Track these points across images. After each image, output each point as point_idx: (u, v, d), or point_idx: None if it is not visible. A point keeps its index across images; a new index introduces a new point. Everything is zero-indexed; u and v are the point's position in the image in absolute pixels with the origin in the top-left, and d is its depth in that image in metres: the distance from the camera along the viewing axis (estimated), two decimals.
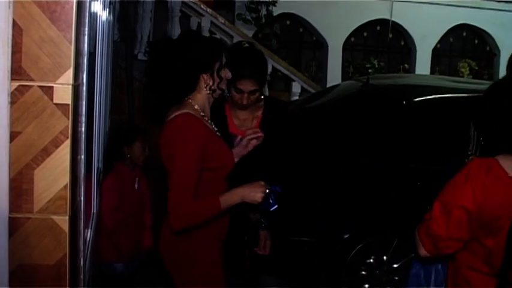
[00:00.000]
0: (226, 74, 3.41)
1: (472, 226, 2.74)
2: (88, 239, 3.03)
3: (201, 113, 3.34)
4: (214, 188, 3.32)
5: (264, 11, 10.64)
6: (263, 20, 10.60)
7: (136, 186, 5.02)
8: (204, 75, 3.31)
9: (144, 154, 5.01)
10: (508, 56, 4.79)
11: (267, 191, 3.32)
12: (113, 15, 6.24)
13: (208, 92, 3.36)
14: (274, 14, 10.94)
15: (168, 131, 3.25)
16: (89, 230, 3.17)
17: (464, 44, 13.88)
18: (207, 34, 8.82)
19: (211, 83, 3.34)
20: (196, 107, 3.34)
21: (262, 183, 3.35)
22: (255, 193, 3.30)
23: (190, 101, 3.35)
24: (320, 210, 5.24)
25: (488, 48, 13.77)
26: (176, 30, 8.71)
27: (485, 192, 2.71)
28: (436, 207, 2.79)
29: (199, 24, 8.88)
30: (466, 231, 2.76)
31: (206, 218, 3.25)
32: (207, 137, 3.26)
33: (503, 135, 2.80)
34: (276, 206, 3.45)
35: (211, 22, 8.94)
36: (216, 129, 3.48)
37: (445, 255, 2.92)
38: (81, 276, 2.54)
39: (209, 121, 3.42)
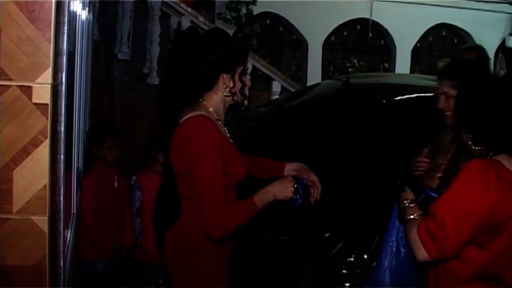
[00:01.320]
0: (248, 80, 3.36)
1: (476, 230, 2.71)
2: (68, 239, 3.01)
3: (216, 116, 3.25)
4: (228, 194, 3.23)
5: (244, 10, 10.63)
6: (243, 19, 10.59)
7: (115, 185, 5.01)
8: (225, 75, 3.22)
9: (113, 154, 4.97)
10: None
11: (296, 185, 3.28)
12: (93, 15, 6.21)
13: (227, 94, 3.26)
14: (254, 13, 10.93)
15: (182, 134, 3.14)
16: (69, 230, 3.15)
17: (444, 43, 13.96)
18: None
19: (231, 85, 3.24)
20: (210, 109, 3.24)
21: (291, 178, 3.33)
22: (286, 189, 3.27)
23: (204, 102, 3.25)
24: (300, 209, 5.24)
25: None
26: (156, 30, 8.69)
27: (493, 195, 2.69)
28: (441, 210, 2.73)
29: (179, 23, 8.86)
30: (469, 235, 2.73)
31: (244, 221, 3.16)
32: (221, 141, 3.15)
33: (503, 136, 2.82)
34: (300, 202, 3.37)
35: (191, 21, 8.92)
36: (229, 135, 3.36)
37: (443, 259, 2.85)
38: (61, 277, 2.52)
39: (223, 126, 3.32)
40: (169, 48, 3.39)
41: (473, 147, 2.92)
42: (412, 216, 2.98)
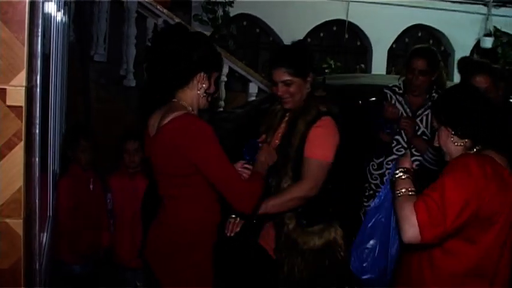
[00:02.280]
0: (213, 88, 3.40)
1: (470, 219, 2.74)
2: (44, 241, 3.00)
3: (194, 114, 3.30)
4: (210, 192, 3.30)
5: (220, 12, 10.63)
6: (220, 21, 10.59)
7: (91, 187, 4.99)
8: (202, 74, 3.28)
9: (87, 157, 4.97)
10: (462, 54, 4.92)
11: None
12: (68, 16, 6.18)
13: (202, 94, 3.32)
14: (231, 14, 10.93)
15: (172, 135, 3.16)
16: (45, 233, 3.14)
17: (419, 44, 14.03)
18: None
19: (205, 86, 3.30)
20: (189, 108, 3.28)
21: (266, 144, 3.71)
22: (272, 155, 3.65)
23: (181, 102, 3.29)
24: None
25: (442, 48, 13.93)
26: (132, 31, 8.66)
27: (491, 184, 2.74)
28: (443, 193, 2.73)
29: (155, 25, 8.83)
30: (463, 222, 2.75)
31: (262, 191, 3.34)
32: None
33: (493, 133, 2.86)
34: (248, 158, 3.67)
35: (168, 23, 8.89)
36: None
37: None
38: (37, 279, 2.51)
39: None
40: (153, 40, 3.43)
41: (455, 143, 2.94)
42: (404, 190, 2.94)
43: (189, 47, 3.22)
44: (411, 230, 2.73)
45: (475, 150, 2.92)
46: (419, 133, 4.87)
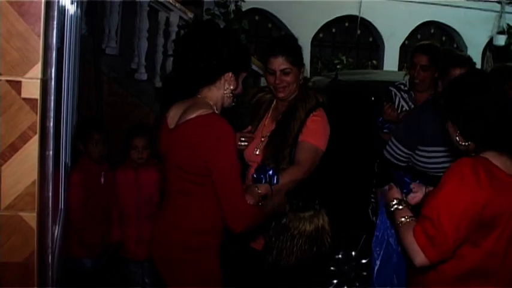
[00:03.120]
0: (241, 89, 3.39)
1: (471, 227, 2.72)
2: (56, 235, 2.99)
3: (217, 113, 3.27)
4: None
5: (232, 6, 10.60)
6: (232, 15, 10.56)
7: (102, 180, 4.97)
8: (230, 74, 3.26)
9: (99, 150, 4.96)
10: (475, 52, 4.93)
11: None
12: (81, 9, 6.18)
13: (228, 94, 3.31)
14: (243, 9, 10.90)
15: (195, 131, 3.14)
16: (57, 227, 3.13)
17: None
18: (175, 29, 8.79)
19: (232, 87, 3.29)
20: (213, 106, 3.26)
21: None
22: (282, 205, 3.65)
23: (207, 100, 3.27)
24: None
25: (455, 45, 13.87)
26: (144, 25, 8.66)
27: (486, 192, 2.69)
28: (437, 212, 2.70)
29: (167, 19, 8.83)
30: (465, 234, 2.72)
31: (258, 223, 3.33)
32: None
33: (492, 133, 2.80)
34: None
35: (180, 17, 8.89)
36: None
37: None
38: (50, 273, 2.50)
39: None
40: (184, 34, 3.41)
41: (460, 143, 2.90)
42: (403, 219, 2.93)
43: (221, 44, 3.18)
44: (417, 256, 2.74)
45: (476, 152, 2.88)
46: None
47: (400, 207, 3.04)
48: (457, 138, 2.90)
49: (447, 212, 2.69)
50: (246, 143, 3.99)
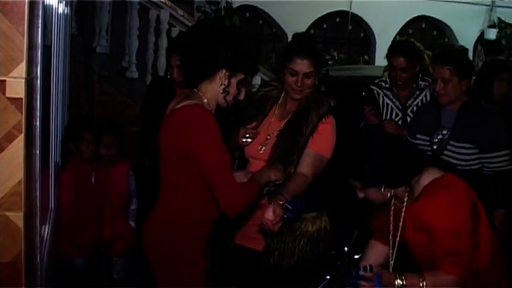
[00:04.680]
0: (242, 93, 3.41)
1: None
2: (45, 235, 2.98)
3: (208, 108, 3.31)
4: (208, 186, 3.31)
5: (223, 3, 10.60)
6: (222, 12, 10.55)
7: (93, 180, 4.96)
8: (224, 71, 3.29)
9: (90, 150, 4.92)
10: (466, 46, 4.94)
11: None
12: (71, 8, 6.16)
13: (221, 91, 3.33)
14: (234, 6, 10.90)
15: (179, 121, 3.23)
16: (47, 226, 3.12)
17: (423, 36, 13.96)
18: (166, 27, 8.77)
19: (225, 83, 3.31)
20: (205, 100, 3.31)
21: (280, 166, 3.68)
22: (278, 172, 3.62)
23: (200, 94, 3.32)
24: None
25: (446, 40, 13.88)
26: (135, 23, 8.64)
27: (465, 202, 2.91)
28: (450, 243, 2.88)
29: (158, 16, 8.81)
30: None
31: (254, 199, 3.40)
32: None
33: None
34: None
35: (170, 14, 8.87)
36: None
37: None
38: (38, 273, 2.50)
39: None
40: (187, 31, 3.51)
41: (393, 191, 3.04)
42: (421, 281, 3.02)
43: (217, 41, 3.23)
44: (459, 284, 2.95)
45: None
46: None
47: (405, 282, 3.07)
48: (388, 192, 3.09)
49: (455, 237, 2.88)
50: (250, 139, 3.96)
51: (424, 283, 2.98)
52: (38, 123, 2.35)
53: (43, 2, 2.42)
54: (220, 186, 3.18)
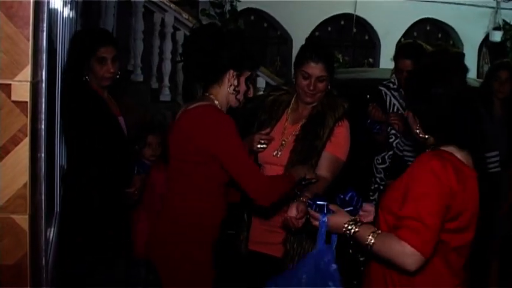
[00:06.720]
0: (251, 89, 3.50)
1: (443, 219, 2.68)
2: (51, 238, 2.99)
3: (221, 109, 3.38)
4: (218, 186, 3.37)
5: (228, 6, 10.59)
6: (227, 16, 10.56)
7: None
8: (232, 71, 3.37)
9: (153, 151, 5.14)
10: (471, 48, 4.93)
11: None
12: (76, 12, 6.17)
13: (231, 92, 3.40)
14: (238, 9, 10.88)
15: (192, 122, 3.29)
16: (52, 229, 3.13)
17: (428, 38, 13.95)
18: (171, 30, 8.79)
19: (235, 83, 3.39)
20: (216, 102, 3.38)
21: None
22: (310, 169, 3.67)
23: (212, 97, 3.39)
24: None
25: (451, 42, 13.88)
26: (140, 26, 8.68)
27: (454, 186, 2.65)
28: (416, 211, 2.60)
29: (162, 19, 8.83)
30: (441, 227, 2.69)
31: (286, 191, 3.42)
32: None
33: (457, 129, 2.78)
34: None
35: (175, 18, 8.89)
36: None
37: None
38: (44, 276, 2.50)
39: None
40: (187, 38, 3.58)
41: (420, 135, 2.86)
42: (370, 237, 2.70)
43: (218, 44, 3.31)
44: (412, 259, 2.58)
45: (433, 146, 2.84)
46: None
47: (357, 228, 2.79)
48: (417, 130, 2.87)
49: (430, 208, 2.62)
50: (265, 146, 3.95)
51: (372, 242, 2.68)
52: (43, 126, 2.36)
53: (48, 6, 2.43)
54: (247, 177, 3.25)
